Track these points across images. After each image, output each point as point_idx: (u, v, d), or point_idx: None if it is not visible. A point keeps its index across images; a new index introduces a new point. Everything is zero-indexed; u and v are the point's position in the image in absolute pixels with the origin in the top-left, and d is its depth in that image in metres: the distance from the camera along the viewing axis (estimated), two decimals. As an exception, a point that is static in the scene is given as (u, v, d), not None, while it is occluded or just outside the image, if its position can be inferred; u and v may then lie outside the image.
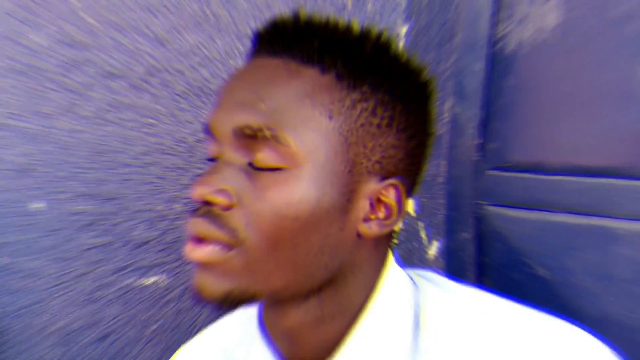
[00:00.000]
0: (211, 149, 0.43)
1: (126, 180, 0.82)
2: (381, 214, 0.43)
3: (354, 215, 0.42)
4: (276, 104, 0.40)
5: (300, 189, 0.40)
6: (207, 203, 0.41)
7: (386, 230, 0.43)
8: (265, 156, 0.40)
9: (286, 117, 0.40)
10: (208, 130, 0.43)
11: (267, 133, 0.39)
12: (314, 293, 0.43)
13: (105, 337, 0.86)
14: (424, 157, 0.46)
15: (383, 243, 0.45)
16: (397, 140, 0.43)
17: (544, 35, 0.63)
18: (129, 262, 0.84)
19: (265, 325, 0.48)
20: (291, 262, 0.41)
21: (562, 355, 0.39)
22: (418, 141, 0.44)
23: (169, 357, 0.81)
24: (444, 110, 0.70)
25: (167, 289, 0.81)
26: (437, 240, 0.73)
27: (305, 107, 0.40)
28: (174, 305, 0.80)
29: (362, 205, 0.42)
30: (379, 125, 0.42)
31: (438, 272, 0.49)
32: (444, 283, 0.48)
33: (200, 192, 0.40)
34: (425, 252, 0.73)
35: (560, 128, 0.65)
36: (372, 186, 0.42)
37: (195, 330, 0.82)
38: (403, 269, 0.48)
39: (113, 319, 0.86)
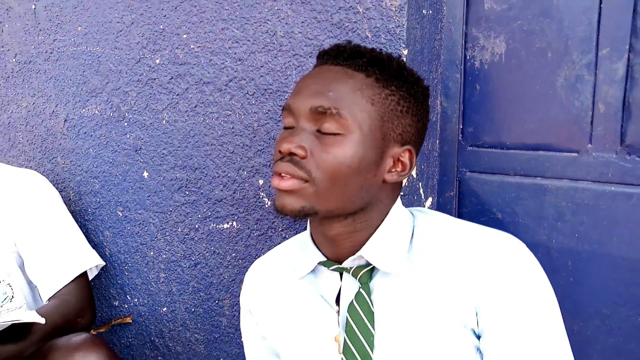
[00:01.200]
0: (288, 121, 0.69)
1: (208, 155, 1.14)
2: (399, 168, 0.69)
3: (382, 168, 0.68)
4: (339, 93, 0.66)
5: (351, 148, 0.65)
6: (290, 154, 0.65)
7: (401, 179, 0.70)
8: (329, 126, 0.65)
9: (345, 102, 0.65)
10: (289, 109, 0.69)
11: (333, 111, 0.64)
12: (351, 214, 0.69)
13: (195, 265, 1.20)
14: (424, 137, 0.75)
15: (396, 189, 0.73)
16: (411, 122, 0.69)
17: (497, 57, 0.92)
18: (210, 213, 1.17)
19: (313, 237, 0.79)
20: (342, 193, 0.66)
21: (491, 243, 0.67)
22: (422, 124, 0.73)
23: (242, 277, 1.13)
24: (436, 105, 1.00)
25: (237, 231, 1.13)
26: (431, 196, 1.03)
27: (357, 97, 0.66)
28: (243, 242, 1.12)
29: (388, 162, 0.68)
30: (401, 111, 0.68)
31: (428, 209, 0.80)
32: (431, 212, 0.77)
33: (287, 146, 0.65)
34: (422, 205, 1.03)
35: (513, 118, 0.94)
36: (395, 150, 0.68)
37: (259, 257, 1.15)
38: (406, 207, 0.78)
39: (201, 252, 1.19)
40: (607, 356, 0.94)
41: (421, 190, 0.98)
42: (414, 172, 0.95)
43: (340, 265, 0.73)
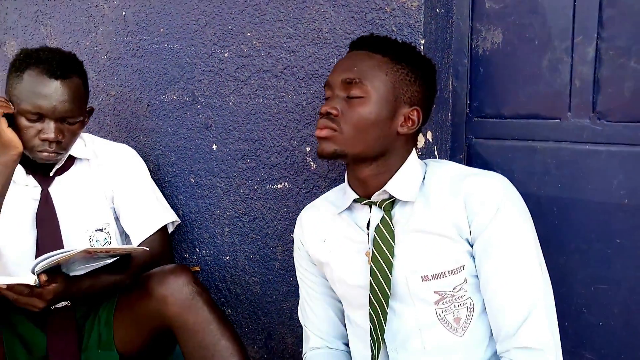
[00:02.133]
0: (327, 93, 0.97)
1: (266, 129, 1.42)
2: (410, 124, 0.96)
3: (395, 123, 0.95)
4: (361, 68, 0.94)
5: (370, 107, 0.93)
6: (328, 114, 0.94)
7: (411, 132, 0.96)
8: (354, 92, 0.92)
9: (366, 74, 0.93)
10: (327, 84, 0.97)
11: (357, 81, 0.93)
12: (375, 160, 0.95)
13: (254, 219, 1.48)
14: (432, 101, 1.02)
15: (409, 142, 0.99)
16: (419, 89, 0.96)
17: (496, 45, 1.18)
18: (267, 176, 1.44)
19: (350, 182, 1.05)
20: (364, 140, 0.93)
21: (482, 177, 0.92)
22: (428, 92, 0.99)
23: (292, 228, 1.40)
24: (448, 85, 1.25)
25: (289, 190, 1.40)
26: (444, 158, 1.28)
27: (375, 70, 0.93)
28: (293, 199, 1.40)
29: (400, 118, 0.95)
30: (409, 81, 0.95)
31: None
32: (441, 160, 1.03)
33: (325, 109, 0.94)
34: (438, 167, 1.28)
35: (509, 93, 1.19)
36: (405, 109, 0.95)
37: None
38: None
39: (258, 209, 1.47)
40: (586, 283, 1.17)
41: (436, 153, 1.24)
42: (430, 137, 1.21)
43: (369, 200, 1.00)
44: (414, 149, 1.01)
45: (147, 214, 1.46)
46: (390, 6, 1.15)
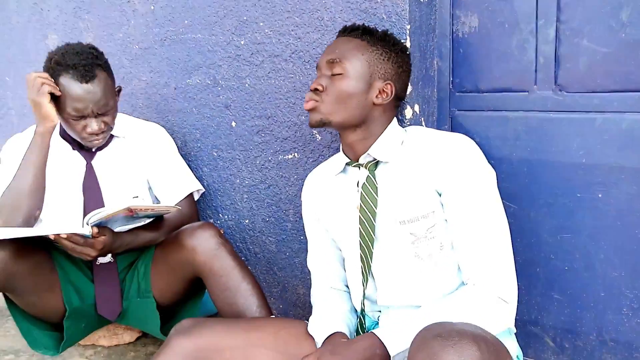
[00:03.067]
0: (317, 73, 1.18)
1: (277, 106, 1.63)
2: (384, 95, 1.15)
3: (371, 94, 1.14)
4: (342, 50, 1.14)
5: (348, 82, 1.12)
6: (315, 89, 1.14)
7: (384, 102, 1.14)
8: (336, 69, 1.12)
9: (345, 55, 1.13)
10: (317, 65, 1.18)
11: (337, 60, 1.13)
12: (358, 127, 1.14)
13: (269, 186, 1.69)
14: (405, 77, 1.21)
15: (388, 111, 1.17)
16: (392, 66, 1.15)
17: (473, 29, 1.36)
18: (279, 148, 1.65)
19: (343, 150, 1.25)
20: (344, 109, 1.13)
21: (451, 138, 1.11)
22: (401, 69, 1.17)
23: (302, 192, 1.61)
24: (434, 64, 1.44)
25: (298, 160, 1.61)
26: (431, 129, 1.48)
27: (353, 51, 1.13)
28: (302, 167, 1.61)
29: (375, 91, 1.14)
30: (383, 60, 1.14)
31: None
32: (419, 127, 1.23)
33: (313, 85, 1.14)
34: (426, 136, 1.47)
35: (484, 70, 1.38)
36: (379, 84, 1.14)
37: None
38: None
39: (272, 177, 1.69)
40: (552, 233, 1.36)
41: (423, 123, 1.44)
42: (417, 110, 1.40)
43: (358, 163, 1.20)
44: (395, 118, 1.20)
45: (176, 183, 1.68)
46: (380, -3, 1.34)
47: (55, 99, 1.44)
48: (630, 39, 1.19)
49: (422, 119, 1.43)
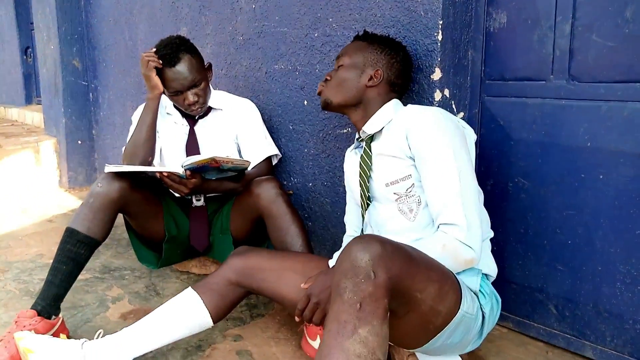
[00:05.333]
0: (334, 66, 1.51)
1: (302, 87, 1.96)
2: (374, 79, 1.43)
3: (363, 78, 1.43)
4: (347, 50, 1.47)
5: (346, 70, 1.44)
6: (326, 80, 1.48)
7: (374, 85, 1.43)
8: (341, 63, 1.45)
9: (348, 52, 1.45)
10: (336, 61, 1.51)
11: (342, 57, 1.46)
12: (356, 107, 1.45)
13: (328, 156, 2.00)
14: (398, 67, 1.46)
15: (382, 94, 1.45)
16: (384, 57, 1.43)
17: (502, 25, 1.55)
18: (337, 124, 1.95)
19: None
20: (341, 92, 1.45)
21: (428, 109, 1.33)
22: (394, 60, 1.44)
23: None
24: (468, 54, 1.65)
25: (350, 134, 1.90)
26: (462, 112, 1.69)
27: (355, 51, 1.45)
28: (353, 141, 1.92)
29: (366, 76, 1.42)
30: (377, 53, 1.43)
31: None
32: (412, 105, 1.47)
33: (325, 76, 1.47)
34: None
35: (510, 61, 1.56)
36: (370, 70, 1.43)
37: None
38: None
39: (331, 148, 2.01)
40: (559, 209, 1.50)
41: (454, 107, 1.66)
42: (447, 94, 1.63)
43: (361, 138, 1.49)
44: (393, 101, 1.45)
45: (259, 147, 2.09)
46: (421, -3, 1.60)
47: (162, 78, 1.90)
48: (633, 34, 1.31)
49: (453, 102, 1.65)
